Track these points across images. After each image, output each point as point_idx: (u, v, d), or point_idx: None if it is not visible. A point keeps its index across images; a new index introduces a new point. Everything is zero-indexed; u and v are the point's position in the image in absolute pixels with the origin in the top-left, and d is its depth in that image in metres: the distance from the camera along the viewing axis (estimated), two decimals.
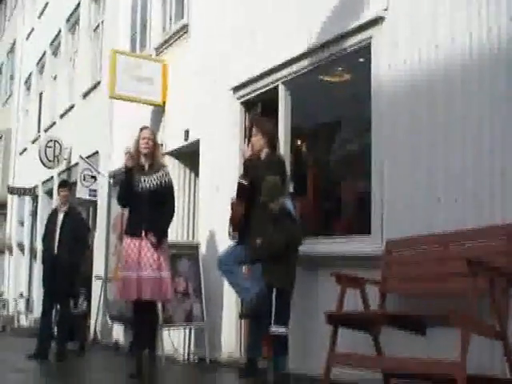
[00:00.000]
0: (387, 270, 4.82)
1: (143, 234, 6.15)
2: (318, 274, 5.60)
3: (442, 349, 4.08)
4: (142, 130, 6.46)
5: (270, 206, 5.27)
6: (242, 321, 6.74)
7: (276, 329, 5.11)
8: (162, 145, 7.79)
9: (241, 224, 5.80)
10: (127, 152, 6.22)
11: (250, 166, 5.74)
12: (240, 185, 5.83)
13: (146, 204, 6.18)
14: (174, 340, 7.78)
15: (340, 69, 5.98)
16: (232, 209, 5.96)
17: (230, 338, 7.10)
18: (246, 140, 6.74)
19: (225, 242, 6.64)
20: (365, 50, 5.36)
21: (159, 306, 7.00)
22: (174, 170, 8.71)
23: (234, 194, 5.98)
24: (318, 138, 6.57)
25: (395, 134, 4.99)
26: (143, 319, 6.38)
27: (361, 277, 4.86)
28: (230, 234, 6.04)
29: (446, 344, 3.98)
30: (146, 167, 6.29)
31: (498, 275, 3.81)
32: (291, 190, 6.13)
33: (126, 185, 6.27)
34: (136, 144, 6.29)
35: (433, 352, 4.17)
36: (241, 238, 5.84)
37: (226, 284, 6.55)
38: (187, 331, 7.82)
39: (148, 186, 6.21)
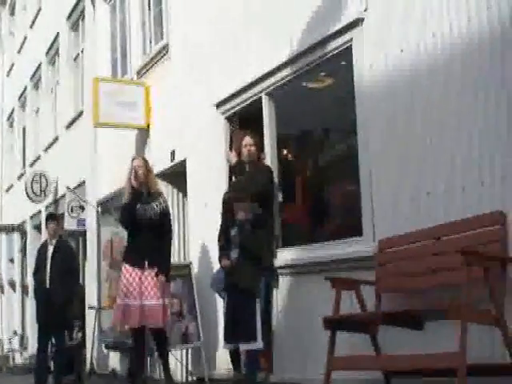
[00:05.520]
0: (381, 269, 4.79)
1: (146, 265, 6.14)
2: (312, 280, 5.54)
3: (440, 342, 4.04)
4: (133, 159, 6.51)
5: (238, 215, 5.34)
6: None
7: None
8: None
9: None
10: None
11: (239, 170, 5.79)
12: (224, 201, 5.90)
13: (147, 233, 6.24)
14: (172, 361, 7.67)
15: (322, 74, 5.99)
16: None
17: (227, 355, 6.99)
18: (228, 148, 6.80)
19: (217, 259, 6.59)
20: (346, 52, 5.36)
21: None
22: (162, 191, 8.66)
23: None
24: (303, 144, 6.57)
25: (381, 134, 4.97)
26: (144, 346, 6.39)
27: (355, 278, 4.84)
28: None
29: (445, 336, 3.95)
30: (145, 195, 6.29)
31: (493, 263, 3.80)
32: (280, 199, 6.12)
33: (129, 206, 6.29)
34: (129, 174, 6.34)
35: (432, 346, 4.12)
36: None
37: (220, 301, 6.51)
38: (184, 351, 7.72)
39: (148, 214, 6.23)
